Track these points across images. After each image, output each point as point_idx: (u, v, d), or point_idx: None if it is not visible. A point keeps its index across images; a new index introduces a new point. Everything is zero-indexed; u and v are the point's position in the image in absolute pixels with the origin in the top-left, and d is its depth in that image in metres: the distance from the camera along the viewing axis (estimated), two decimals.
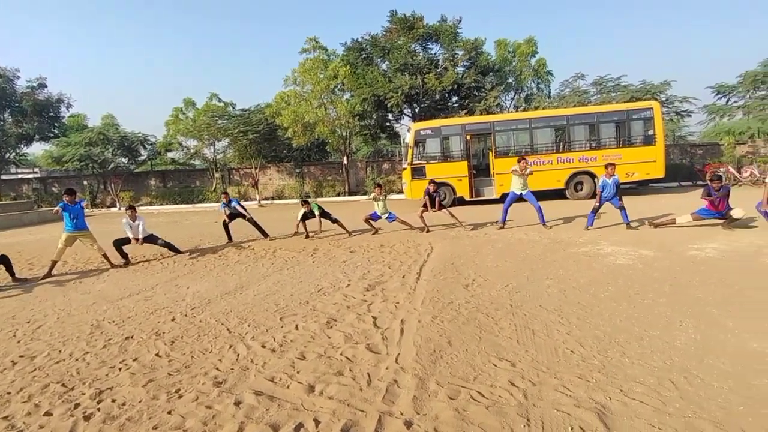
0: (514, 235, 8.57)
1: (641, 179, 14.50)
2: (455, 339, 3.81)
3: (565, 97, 21.26)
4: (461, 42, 20.39)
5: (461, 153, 14.81)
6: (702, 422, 2.50)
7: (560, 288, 5.09)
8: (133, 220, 8.34)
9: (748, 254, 6.16)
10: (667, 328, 3.79)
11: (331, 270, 6.67)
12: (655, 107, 14.56)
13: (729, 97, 18.83)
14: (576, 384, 2.97)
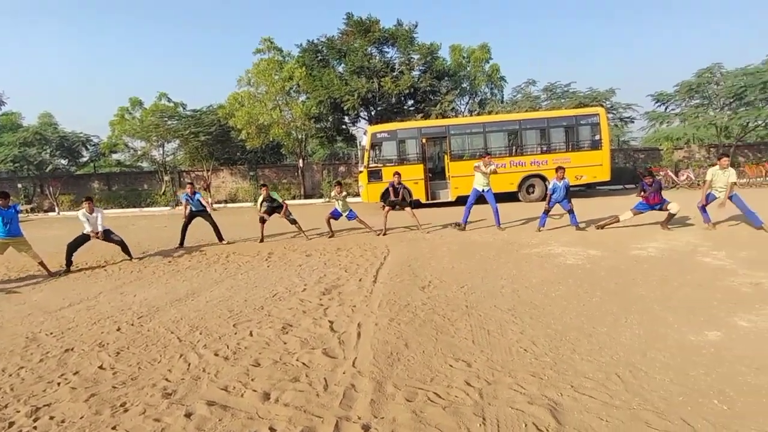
0: (470, 237, 8.73)
1: (589, 182, 15.18)
2: (412, 341, 3.82)
3: (518, 102, 21.97)
4: (417, 46, 20.65)
5: (417, 156, 14.97)
6: (646, 413, 2.62)
7: (514, 288, 5.22)
8: (90, 212, 7.96)
9: (685, 253, 6.57)
10: (614, 325, 3.96)
11: (287, 274, 6.54)
12: (602, 113, 15.31)
13: (667, 105, 20.09)
14: (529, 381, 3.04)
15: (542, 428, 2.52)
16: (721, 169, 7.74)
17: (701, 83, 18.64)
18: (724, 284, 4.97)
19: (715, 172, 7.83)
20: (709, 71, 18.59)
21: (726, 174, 7.71)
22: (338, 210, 9.68)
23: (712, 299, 4.49)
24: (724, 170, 7.73)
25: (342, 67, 21.48)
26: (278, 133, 20.02)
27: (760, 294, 4.58)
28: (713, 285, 4.96)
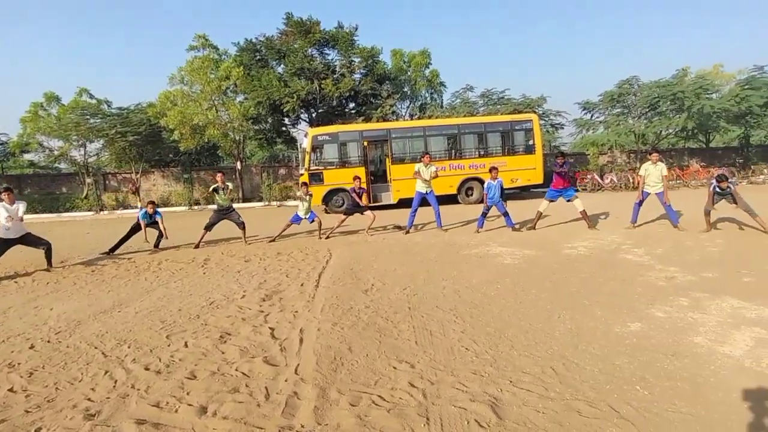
0: (412, 239, 8.85)
1: (523, 185, 15.93)
2: (356, 345, 3.80)
3: (456, 107, 22.64)
4: (358, 49, 20.71)
5: (359, 159, 14.99)
6: (578, 403, 2.77)
7: (455, 288, 5.35)
8: (11, 203, 7.17)
9: (610, 251, 7.06)
10: (548, 321, 4.17)
11: (225, 281, 6.28)
12: (534, 119, 16.13)
13: (593, 113, 21.57)
14: (471, 379, 3.12)
15: (484, 424, 2.59)
16: (653, 164, 8.35)
17: (622, 93, 20.20)
18: (644, 279, 5.39)
19: (647, 167, 8.44)
20: (628, 83, 20.18)
21: (658, 168, 8.33)
22: (299, 215, 9.44)
23: (634, 293, 4.86)
24: (656, 165, 8.34)
25: (282, 68, 21.08)
26: (214, 134, 19.24)
27: (673, 287, 5.01)
28: (634, 280, 5.37)
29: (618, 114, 20.92)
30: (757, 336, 3.60)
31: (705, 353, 3.35)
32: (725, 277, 5.31)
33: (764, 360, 3.20)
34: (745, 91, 18.70)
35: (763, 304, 4.29)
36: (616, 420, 2.58)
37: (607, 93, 20.60)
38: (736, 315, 4.08)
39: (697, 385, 2.92)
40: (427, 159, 9.38)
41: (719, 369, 3.11)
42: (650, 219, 9.36)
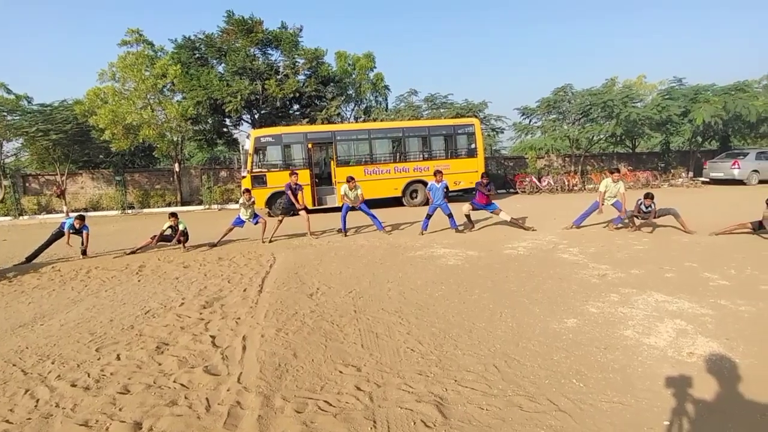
0: (357, 242, 8.82)
1: (466, 187, 16.33)
2: (301, 350, 3.72)
3: (401, 110, 22.87)
4: (302, 50, 20.39)
5: (303, 161, 14.75)
6: (519, 398, 2.86)
7: (400, 290, 5.38)
8: None
9: (548, 250, 7.40)
10: (491, 319, 4.29)
11: (162, 288, 5.95)
12: (476, 124, 16.61)
13: (531, 118, 22.57)
14: (417, 380, 3.14)
15: (430, 424, 2.61)
16: (614, 182, 8.94)
17: (557, 100, 21.28)
18: (579, 277, 5.69)
19: (608, 183, 9.00)
20: (563, 90, 21.29)
21: (617, 186, 8.93)
22: (242, 218, 9.18)
23: (569, 290, 5.11)
24: (616, 183, 8.94)
25: (222, 67, 20.33)
26: (150, 135, 18.18)
27: (605, 284, 5.32)
28: (570, 278, 5.65)
29: (554, 120, 22.03)
30: (678, 327, 3.89)
31: (633, 345, 3.58)
32: (650, 273, 5.72)
33: (684, 349, 3.46)
34: (666, 101, 20.30)
35: (683, 298, 4.66)
36: (554, 413, 2.69)
37: (543, 99, 21.64)
38: (659, 308, 4.39)
39: (627, 375, 3.11)
40: (353, 183, 9.45)
41: (646, 359, 3.33)
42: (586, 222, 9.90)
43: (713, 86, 20.98)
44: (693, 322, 3.98)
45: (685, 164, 23.39)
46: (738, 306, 4.36)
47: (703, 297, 4.67)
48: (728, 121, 20.24)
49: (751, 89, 21.50)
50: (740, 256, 6.35)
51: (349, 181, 9.60)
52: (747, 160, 19.21)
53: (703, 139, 24.09)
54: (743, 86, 20.76)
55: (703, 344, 3.53)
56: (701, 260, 6.24)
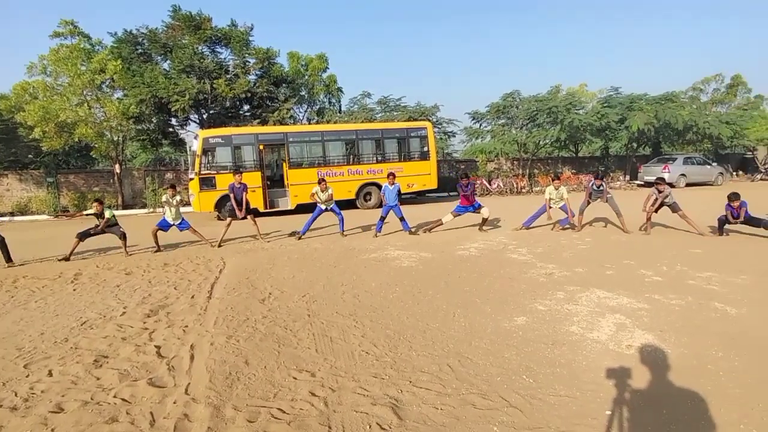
0: (310, 245, 8.71)
1: (419, 190, 16.55)
2: (253, 357, 3.61)
3: (354, 113, 22.88)
4: (253, 50, 19.91)
5: (254, 163, 14.40)
6: (473, 396, 2.92)
7: (354, 293, 5.36)
8: None
9: (498, 251, 7.62)
10: (444, 320, 4.35)
11: (101, 297, 5.60)
12: (429, 127, 16.87)
13: (481, 123, 23.23)
14: (372, 383, 3.13)
15: (385, 427, 2.61)
16: (555, 189, 9.34)
17: (506, 105, 22.04)
18: (527, 276, 5.89)
19: (551, 190, 9.40)
20: (511, 96, 22.07)
21: (560, 191, 9.34)
22: (167, 220, 8.67)
23: (519, 289, 5.28)
24: (558, 189, 9.35)
25: (168, 64, 19.50)
26: (86, 134, 17.10)
27: (551, 282, 5.54)
28: (520, 277, 5.84)
29: (503, 124, 22.81)
30: (618, 321, 4.11)
31: (578, 340, 3.74)
32: (593, 271, 6.02)
33: (624, 342, 3.66)
34: (605, 109, 21.57)
35: (622, 294, 4.94)
36: (506, 409, 2.76)
37: (493, 105, 22.35)
38: (601, 304, 4.63)
39: (573, 369, 3.25)
40: (324, 185, 9.35)
41: (590, 353, 3.49)
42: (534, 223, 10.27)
43: (646, 96, 22.47)
44: (631, 317, 4.22)
45: (623, 168, 24.89)
46: (670, 300, 4.67)
47: (639, 292, 4.96)
48: (659, 128, 21.78)
49: (678, 100, 23.24)
50: (672, 254, 6.81)
51: (320, 182, 9.45)
52: (676, 164, 20.74)
53: (638, 145, 25.73)
54: (672, 97, 22.38)
55: (640, 337, 3.74)
56: (638, 258, 6.64)
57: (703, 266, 6.01)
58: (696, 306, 4.48)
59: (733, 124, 22.65)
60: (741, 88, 31.28)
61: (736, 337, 3.68)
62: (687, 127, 21.65)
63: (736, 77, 31.47)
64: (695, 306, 4.48)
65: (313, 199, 9.46)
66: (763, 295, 4.74)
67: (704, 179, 21.28)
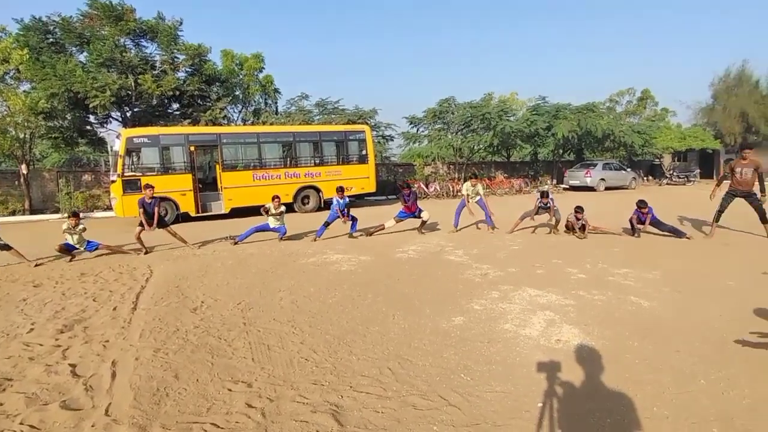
0: (246, 250, 8.41)
1: (357, 193, 16.52)
2: (183, 370, 3.40)
3: (292, 114, 22.46)
4: (183, 46, 18.94)
5: (185, 165, 13.67)
6: (413, 397, 2.93)
7: (292, 299, 5.22)
8: None
9: (436, 253, 7.76)
10: (384, 322, 4.35)
11: (3, 313, 5.02)
12: (367, 130, 16.92)
13: (418, 127, 23.68)
14: (312, 390, 3.05)
15: None
16: (472, 185, 9.87)
17: (442, 111, 22.63)
18: (464, 276, 6.05)
19: (468, 186, 9.91)
20: (447, 102, 22.70)
21: (477, 188, 9.90)
22: (71, 244, 7.84)
23: (456, 290, 5.41)
24: (475, 186, 9.89)
25: (85, 57, 18.03)
26: None
27: (486, 282, 5.73)
28: (457, 278, 5.99)
29: (439, 129, 23.41)
30: (548, 318, 4.32)
31: (512, 337, 3.89)
32: (524, 270, 6.30)
33: (553, 337, 3.85)
34: (534, 116, 22.82)
35: (551, 292, 5.20)
36: (446, 408, 2.80)
37: (429, 110, 22.88)
38: (532, 302, 4.85)
39: (508, 365, 3.36)
40: (276, 203, 9.13)
41: (523, 349, 3.64)
42: (467, 224, 10.60)
43: (569, 105, 24.04)
44: (559, 312, 4.46)
45: (550, 172, 26.44)
46: (593, 296, 4.99)
47: (566, 289, 5.26)
48: (582, 136, 23.40)
49: (598, 109, 25.10)
50: (594, 253, 7.29)
51: (274, 199, 9.21)
52: (596, 170, 22.36)
53: (563, 151, 27.46)
54: (592, 107, 24.12)
55: (567, 331, 3.96)
56: (565, 257, 7.05)
57: (621, 264, 6.49)
58: (615, 300, 4.82)
59: (644, 133, 24.87)
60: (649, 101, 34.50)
61: (650, 328, 4.00)
62: (605, 135, 23.43)
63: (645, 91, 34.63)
64: (615, 300, 4.82)
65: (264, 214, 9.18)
66: (671, 288, 5.19)
67: (620, 183, 23.10)
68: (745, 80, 25.75)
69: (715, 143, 26.10)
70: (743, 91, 25.45)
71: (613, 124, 23.99)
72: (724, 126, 25.96)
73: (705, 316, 4.25)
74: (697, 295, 4.93)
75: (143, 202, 8.41)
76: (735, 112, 25.42)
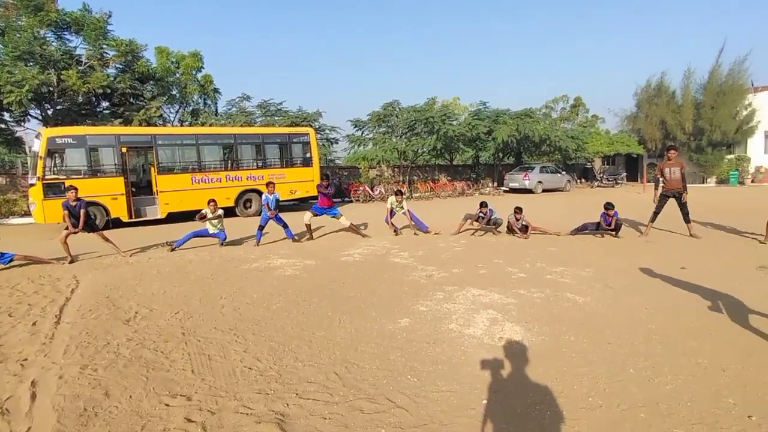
0: (184, 257, 8.02)
1: (302, 197, 16.28)
2: (115, 387, 3.17)
3: (233, 116, 21.78)
4: (113, 41, 17.84)
5: (116, 168, 12.84)
6: (360, 401, 2.91)
7: (234, 306, 5.04)
8: None
9: (381, 255, 7.79)
10: (330, 327, 4.29)
11: None
12: (311, 133, 16.72)
13: (363, 131, 23.71)
14: (256, 400, 2.95)
15: None
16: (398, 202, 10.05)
17: (386, 114, 22.81)
18: (409, 278, 6.11)
19: (392, 201, 10.11)
20: (391, 105, 22.92)
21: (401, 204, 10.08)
22: None
23: (402, 292, 5.45)
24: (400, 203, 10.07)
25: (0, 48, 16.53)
26: None
27: (432, 283, 5.82)
28: (402, 280, 6.03)
29: (384, 132, 23.59)
30: (491, 317, 4.46)
31: (457, 337, 3.97)
32: (468, 271, 6.46)
33: (496, 335, 3.97)
34: (475, 121, 23.55)
35: (493, 291, 5.37)
36: (393, 410, 2.80)
37: (374, 113, 23.00)
38: (476, 301, 4.98)
39: (453, 364, 3.43)
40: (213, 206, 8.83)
41: (467, 348, 3.72)
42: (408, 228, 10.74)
43: (509, 111, 25.04)
44: (501, 311, 4.61)
45: (491, 175, 27.39)
46: (532, 294, 5.21)
47: (508, 288, 5.45)
48: (520, 140, 24.46)
49: (535, 115, 26.32)
50: (533, 253, 7.62)
51: (209, 203, 8.86)
52: (534, 173, 23.46)
53: (503, 155, 28.54)
54: (530, 113, 25.26)
55: (509, 329, 4.10)
56: (505, 257, 7.31)
57: (557, 262, 6.82)
58: (553, 297, 5.06)
59: (577, 138, 26.41)
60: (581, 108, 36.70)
61: (584, 322, 4.23)
62: (542, 139, 24.63)
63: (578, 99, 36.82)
64: (552, 298, 5.05)
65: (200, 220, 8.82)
66: (603, 285, 5.53)
67: (556, 186, 24.35)
68: (663, 91, 27.96)
69: (639, 148, 28.16)
70: (662, 101, 27.63)
71: (549, 130, 25.27)
72: (646, 132, 28.07)
73: (632, 310, 4.56)
74: (625, 290, 5.28)
75: (67, 205, 7.84)
76: (655, 120, 27.53)
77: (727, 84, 25.36)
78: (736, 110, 25.47)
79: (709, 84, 26.04)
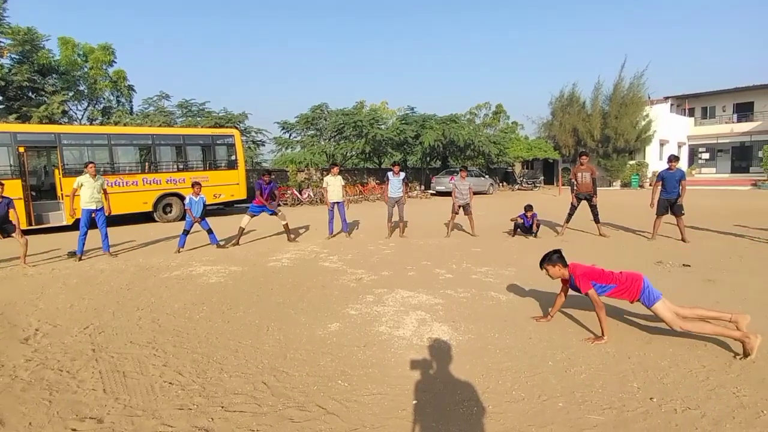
0: (95, 266, 7.39)
1: (227, 200, 15.64)
2: (11, 414, 2.85)
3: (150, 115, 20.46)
4: (8, 29, 16.08)
5: (12, 169, 11.56)
6: (290, 410, 2.85)
7: (153, 317, 4.73)
8: None
9: (310, 260, 7.68)
10: (257, 335, 4.16)
11: None
12: (236, 135, 16.11)
13: (291, 133, 23.30)
14: (177, 416, 2.79)
15: None
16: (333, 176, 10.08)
17: (315, 117, 22.61)
18: (339, 282, 6.09)
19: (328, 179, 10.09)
20: (319, 108, 22.76)
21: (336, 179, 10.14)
22: None
23: (332, 296, 5.41)
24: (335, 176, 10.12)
25: None
26: None
27: (361, 287, 5.84)
28: (332, 284, 5.99)
29: (312, 135, 23.38)
30: (419, 318, 4.56)
31: (387, 339, 4.01)
32: (397, 273, 6.56)
33: (425, 336, 4.07)
34: (403, 125, 24.07)
35: (422, 292, 5.50)
36: (324, 417, 2.77)
37: (302, 116, 22.73)
38: (405, 303, 5.07)
39: (384, 367, 3.46)
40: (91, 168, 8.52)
41: (397, 350, 3.77)
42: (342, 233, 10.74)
43: (435, 116, 25.85)
44: (429, 312, 4.73)
45: (419, 179, 28.07)
46: (459, 294, 5.41)
47: (435, 289, 5.61)
48: (446, 144, 25.32)
49: (460, 121, 27.41)
50: (459, 254, 7.91)
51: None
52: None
53: (430, 159, 29.39)
54: (455, 118, 26.26)
55: (437, 329, 4.22)
56: (433, 259, 7.52)
57: (482, 262, 7.14)
58: (478, 296, 5.28)
59: (499, 143, 27.86)
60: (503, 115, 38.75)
61: (507, 319, 4.46)
62: (467, 144, 25.69)
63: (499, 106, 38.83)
64: (478, 297, 5.28)
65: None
66: (523, 283, 5.86)
67: (480, 189, 25.44)
68: (575, 100, 30.38)
69: (555, 154, 30.30)
70: (574, 110, 30.00)
71: (473, 135, 26.43)
72: (560, 139, 30.30)
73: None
74: (543, 287, 5.63)
75: None
76: (568, 127, 29.82)
77: (629, 96, 28.10)
78: (636, 120, 28.29)
79: (613, 95, 28.69)
